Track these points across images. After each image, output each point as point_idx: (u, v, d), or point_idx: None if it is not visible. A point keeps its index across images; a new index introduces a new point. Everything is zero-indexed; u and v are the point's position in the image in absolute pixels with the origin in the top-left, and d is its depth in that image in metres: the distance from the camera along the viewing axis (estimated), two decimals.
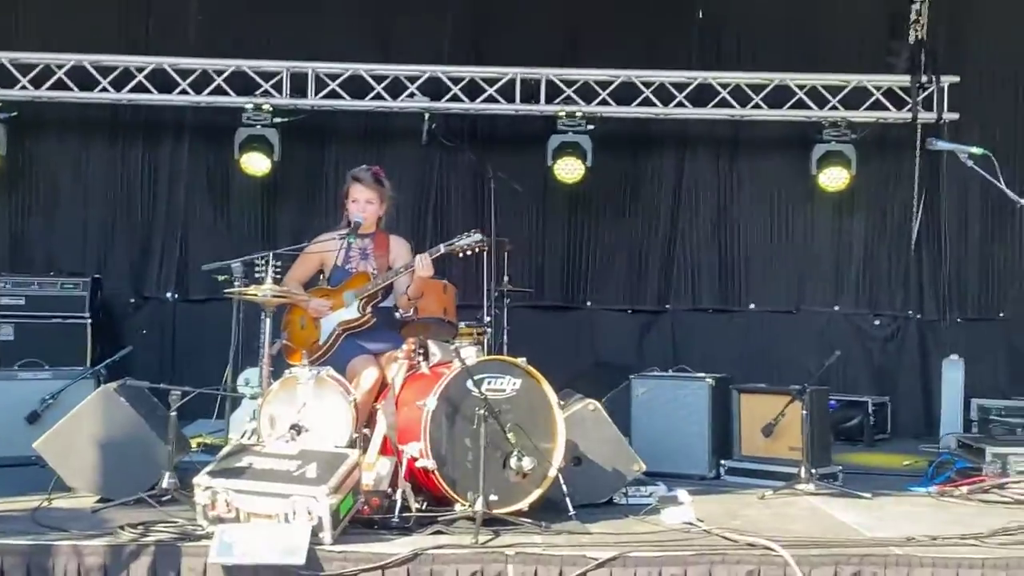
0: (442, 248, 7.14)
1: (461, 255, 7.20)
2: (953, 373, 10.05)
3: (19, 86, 10.57)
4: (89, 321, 10.20)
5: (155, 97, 10.75)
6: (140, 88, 10.68)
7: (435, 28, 11.23)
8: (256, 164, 10.63)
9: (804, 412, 7.51)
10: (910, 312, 11.41)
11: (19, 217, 11.13)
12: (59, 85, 10.62)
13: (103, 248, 11.17)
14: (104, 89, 10.65)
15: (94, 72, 10.62)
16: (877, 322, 11.46)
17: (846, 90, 10.96)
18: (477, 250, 7.23)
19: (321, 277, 7.60)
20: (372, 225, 7.51)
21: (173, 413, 6.53)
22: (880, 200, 11.44)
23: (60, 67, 10.57)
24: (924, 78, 10.96)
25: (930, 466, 7.93)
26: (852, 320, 11.45)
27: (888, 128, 11.20)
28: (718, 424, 8.21)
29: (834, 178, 10.84)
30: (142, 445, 6.73)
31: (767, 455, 7.96)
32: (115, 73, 10.64)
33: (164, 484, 6.42)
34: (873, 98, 10.99)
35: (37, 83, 10.60)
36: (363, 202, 7.44)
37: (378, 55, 11.07)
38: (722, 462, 8.16)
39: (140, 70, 10.64)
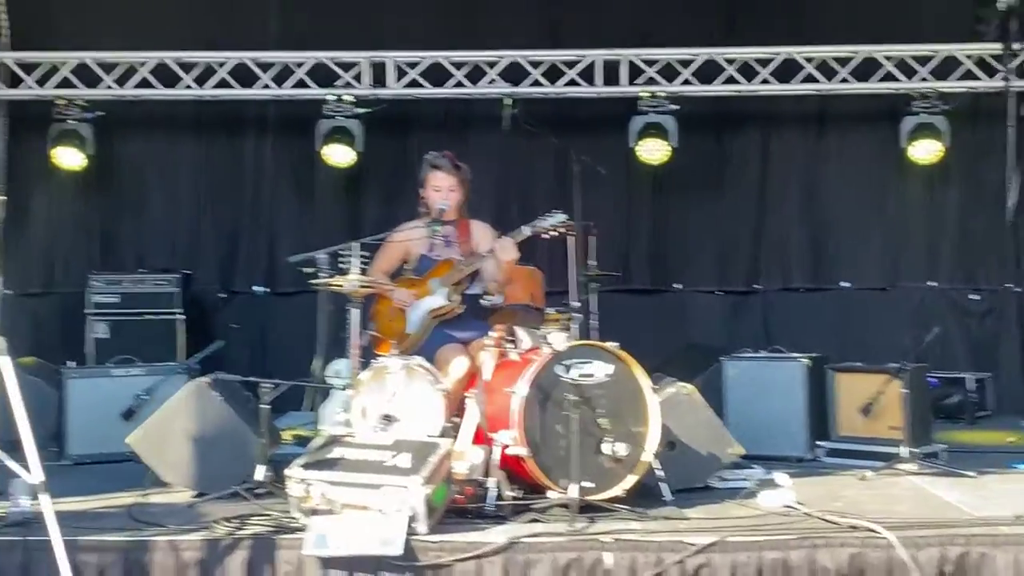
0: (526, 230, 7.07)
1: (546, 236, 7.12)
2: None
3: (104, 85, 10.68)
4: (181, 317, 10.31)
5: (238, 92, 10.80)
6: (223, 83, 10.74)
7: (512, 13, 11.13)
8: (339, 155, 10.63)
9: (904, 390, 7.37)
10: (1008, 285, 11.10)
11: (109, 216, 11.27)
12: (143, 83, 10.71)
13: (192, 244, 11.28)
14: (188, 86, 10.73)
15: (177, 69, 10.70)
16: (975, 297, 11.17)
17: (935, 60, 10.70)
18: (562, 230, 7.14)
19: (405, 267, 7.56)
20: (454, 211, 7.47)
21: (265, 406, 6.55)
22: (974, 171, 11.15)
23: (143, 65, 10.66)
24: (1016, 45, 10.63)
25: None
26: (948, 295, 11.18)
27: (980, 98, 10.91)
28: (815, 404, 8.06)
29: (926, 150, 10.58)
30: (235, 438, 6.77)
31: (866, 435, 7.81)
32: (198, 69, 10.70)
33: (258, 477, 6.45)
34: (964, 68, 10.71)
35: (121, 82, 10.70)
36: (446, 190, 7.41)
37: (456, 42, 11.01)
38: (819, 443, 8.01)
39: (222, 65, 10.71)
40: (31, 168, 11.05)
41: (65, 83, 10.67)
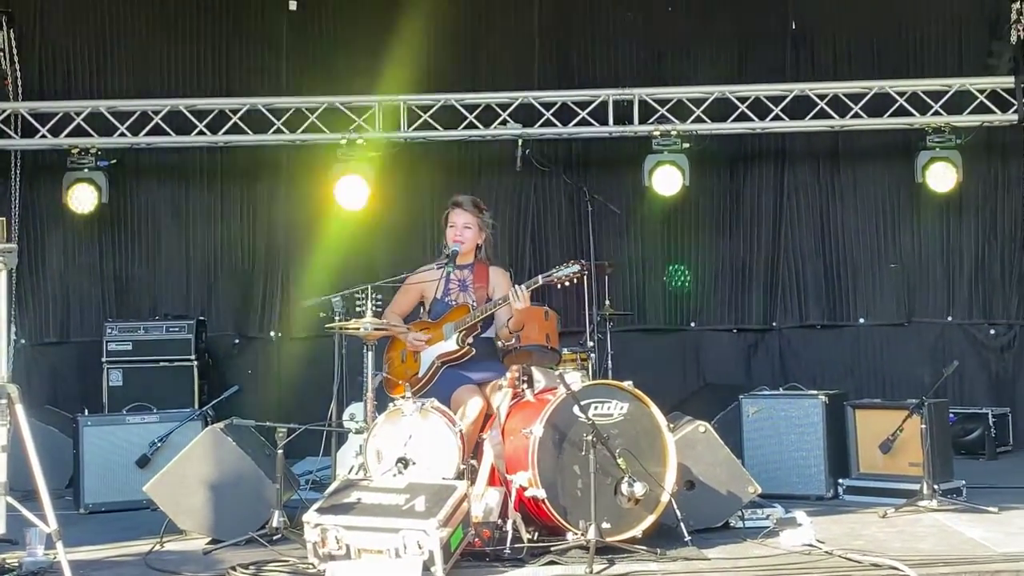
0: (540, 279, 7.02)
1: (559, 285, 7.09)
2: None
3: (118, 133, 10.70)
4: (195, 363, 10.29)
5: (251, 138, 10.83)
6: (236, 130, 10.76)
7: (523, 54, 11.17)
8: (351, 198, 10.53)
9: (923, 426, 7.33)
10: None
11: (123, 263, 11.24)
12: (157, 131, 10.74)
13: (206, 290, 11.26)
14: (201, 132, 10.76)
15: (190, 116, 10.73)
16: (992, 331, 11.08)
17: (948, 94, 10.65)
18: (576, 280, 7.10)
19: (422, 310, 7.54)
20: (470, 254, 7.44)
21: (280, 451, 6.53)
22: (989, 205, 11.10)
23: (157, 113, 10.69)
24: None
25: None
26: (966, 330, 11.09)
27: (994, 131, 10.88)
28: (833, 442, 7.99)
29: (942, 181, 10.48)
30: (251, 484, 6.74)
31: (886, 472, 7.77)
32: (211, 116, 10.74)
33: (274, 523, 6.42)
34: (977, 101, 10.67)
35: (135, 130, 10.73)
36: (460, 226, 7.37)
37: (468, 84, 11.04)
38: (839, 481, 7.94)
39: (235, 111, 10.74)
40: (46, 217, 11.10)
41: (78, 131, 10.70)
